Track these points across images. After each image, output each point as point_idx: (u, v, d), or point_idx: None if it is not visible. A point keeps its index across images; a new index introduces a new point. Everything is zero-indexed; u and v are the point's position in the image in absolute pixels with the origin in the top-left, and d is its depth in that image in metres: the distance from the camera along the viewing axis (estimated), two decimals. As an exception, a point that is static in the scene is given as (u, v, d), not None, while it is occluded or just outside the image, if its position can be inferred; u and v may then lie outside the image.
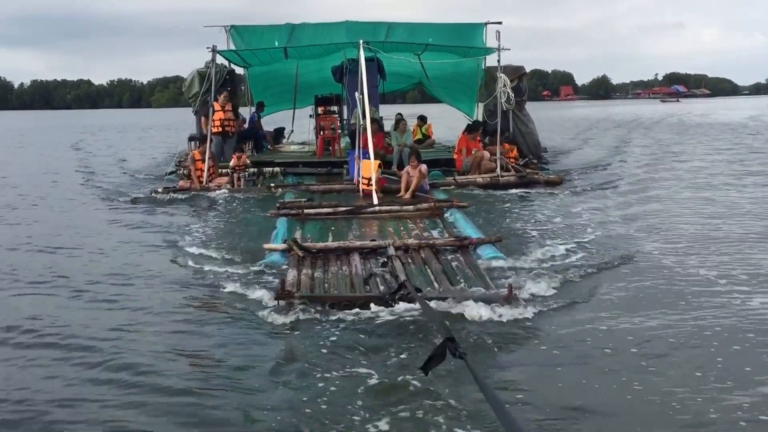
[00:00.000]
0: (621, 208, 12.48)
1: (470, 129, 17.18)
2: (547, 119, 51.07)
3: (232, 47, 18.34)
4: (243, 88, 22.04)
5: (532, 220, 11.40)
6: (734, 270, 7.96)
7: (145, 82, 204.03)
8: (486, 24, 18.62)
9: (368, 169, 13.23)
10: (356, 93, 14.98)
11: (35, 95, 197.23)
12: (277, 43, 17.67)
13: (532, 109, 20.75)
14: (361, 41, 14.73)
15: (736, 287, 7.31)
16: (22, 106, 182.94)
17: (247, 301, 6.91)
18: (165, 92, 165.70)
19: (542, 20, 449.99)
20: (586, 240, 9.60)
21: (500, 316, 6.30)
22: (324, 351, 5.59)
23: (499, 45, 15.80)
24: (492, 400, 2.90)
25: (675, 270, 8.06)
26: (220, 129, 16.81)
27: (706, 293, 7.12)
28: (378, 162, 13.20)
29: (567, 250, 8.97)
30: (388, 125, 18.91)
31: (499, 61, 16.18)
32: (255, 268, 8.13)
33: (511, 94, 16.59)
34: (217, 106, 16.73)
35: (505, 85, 16.31)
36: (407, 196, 13.21)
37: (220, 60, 17.26)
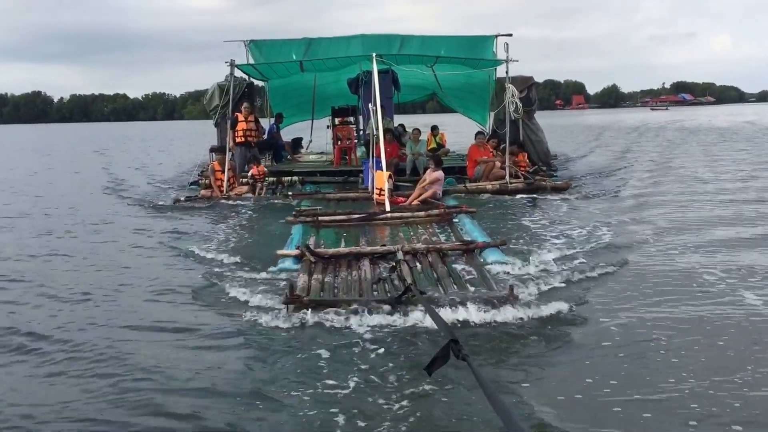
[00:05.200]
0: (626, 211, 12.26)
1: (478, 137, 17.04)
2: (559, 127, 50.83)
3: (252, 61, 18.28)
4: (263, 100, 22.01)
5: (538, 225, 11.22)
6: (740, 268, 7.85)
7: (177, 95, 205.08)
8: (496, 36, 18.42)
9: (381, 180, 13.15)
10: (370, 104, 14.86)
11: (74, 109, 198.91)
12: (294, 57, 17.59)
13: (545, 117, 20.58)
14: (374, 54, 14.57)
15: (739, 284, 7.22)
16: (61, 120, 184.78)
17: (257, 305, 6.77)
18: (196, 105, 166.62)
19: (555, 31, 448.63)
20: (590, 242, 9.44)
21: (503, 317, 6.17)
22: (330, 354, 5.47)
23: (507, 56, 15.68)
24: (494, 400, 2.82)
25: (680, 270, 7.92)
26: (243, 139, 16.71)
27: (712, 292, 7.00)
28: (389, 173, 13.11)
29: (570, 252, 8.85)
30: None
31: (507, 72, 16.05)
32: (268, 274, 8.01)
33: (519, 104, 16.42)
34: (240, 117, 16.61)
35: (513, 95, 16.14)
36: (414, 201, 13.27)
37: (239, 73, 17.20)
